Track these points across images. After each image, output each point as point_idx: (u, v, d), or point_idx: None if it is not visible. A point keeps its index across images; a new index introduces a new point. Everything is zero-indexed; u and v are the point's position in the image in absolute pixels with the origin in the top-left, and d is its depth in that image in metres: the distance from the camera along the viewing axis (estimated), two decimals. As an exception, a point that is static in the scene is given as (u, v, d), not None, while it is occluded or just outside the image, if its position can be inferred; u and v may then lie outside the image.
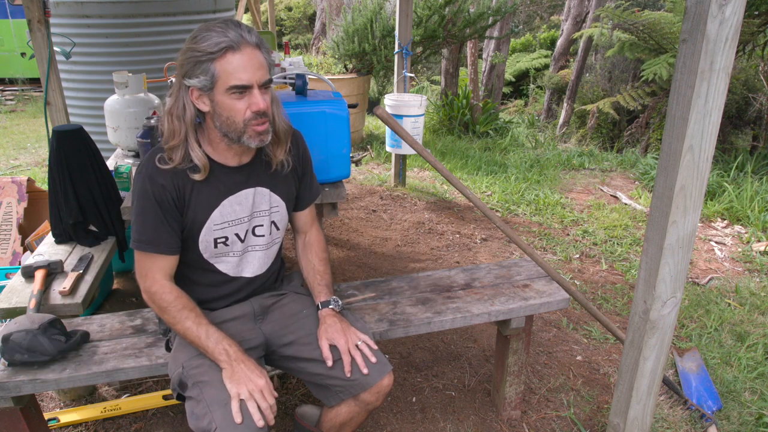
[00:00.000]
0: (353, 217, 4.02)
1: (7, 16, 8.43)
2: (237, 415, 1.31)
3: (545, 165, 5.23)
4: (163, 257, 1.48)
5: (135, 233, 1.47)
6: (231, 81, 1.34)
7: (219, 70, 1.33)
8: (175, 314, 1.45)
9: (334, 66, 6.57)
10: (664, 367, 1.57)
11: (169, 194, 1.44)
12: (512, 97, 12.25)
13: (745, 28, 4.62)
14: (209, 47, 1.32)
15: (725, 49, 1.19)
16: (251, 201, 1.54)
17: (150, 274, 1.48)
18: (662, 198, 1.35)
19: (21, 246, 3.00)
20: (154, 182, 1.43)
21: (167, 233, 1.46)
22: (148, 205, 1.44)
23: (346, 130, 2.19)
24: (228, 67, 1.33)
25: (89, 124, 3.49)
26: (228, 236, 1.53)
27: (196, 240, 1.51)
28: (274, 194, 1.59)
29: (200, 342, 1.43)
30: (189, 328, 1.44)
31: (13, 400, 1.57)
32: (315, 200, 1.76)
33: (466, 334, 2.69)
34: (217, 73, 1.33)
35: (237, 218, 1.53)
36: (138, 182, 1.46)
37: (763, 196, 4.15)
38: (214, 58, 1.32)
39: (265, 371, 1.42)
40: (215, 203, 1.49)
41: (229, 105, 1.37)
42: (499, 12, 5.81)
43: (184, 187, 1.46)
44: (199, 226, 1.49)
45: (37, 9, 2.61)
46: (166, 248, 1.47)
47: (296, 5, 15.25)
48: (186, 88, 1.39)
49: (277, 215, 1.61)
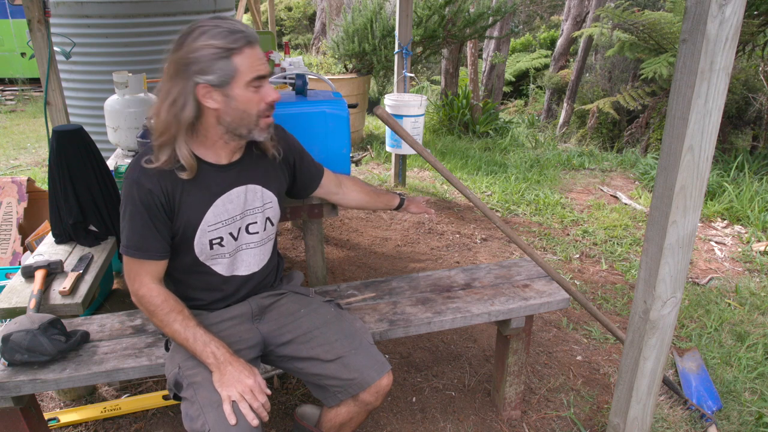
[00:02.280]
0: (353, 217, 4.02)
1: (7, 16, 8.43)
2: (231, 417, 1.32)
3: (545, 165, 5.23)
4: (152, 262, 1.48)
5: (123, 238, 1.46)
6: (253, 73, 1.36)
7: (239, 64, 1.34)
8: (163, 317, 1.45)
9: (334, 66, 6.57)
10: (664, 367, 1.57)
11: (157, 198, 1.42)
12: (512, 97, 12.25)
13: (745, 28, 4.62)
14: (229, 43, 1.33)
15: (725, 49, 1.19)
16: (243, 199, 1.54)
17: (138, 278, 1.48)
18: (662, 198, 1.35)
19: (21, 246, 3.00)
20: (141, 187, 1.41)
21: (155, 239, 1.45)
22: (135, 210, 1.43)
23: (346, 130, 2.19)
24: (248, 60, 1.35)
25: (89, 124, 3.50)
26: (223, 236, 1.53)
27: (191, 243, 1.50)
28: (267, 190, 1.59)
29: (188, 345, 1.43)
30: (177, 330, 1.44)
31: (13, 400, 1.57)
32: (324, 171, 1.81)
33: (466, 334, 2.69)
34: (238, 67, 1.34)
35: (230, 217, 1.52)
36: (125, 187, 1.44)
37: (763, 196, 4.15)
38: (235, 52, 1.33)
39: (254, 369, 1.42)
40: (208, 204, 1.48)
41: (247, 98, 1.38)
42: (499, 12, 5.81)
43: (173, 191, 1.43)
44: (193, 228, 1.48)
45: (37, 9, 2.61)
46: (154, 253, 1.47)
47: (296, 5, 15.25)
48: (192, 85, 1.35)
49: (270, 211, 1.61)
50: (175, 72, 1.35)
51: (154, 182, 1.41)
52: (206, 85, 1.34)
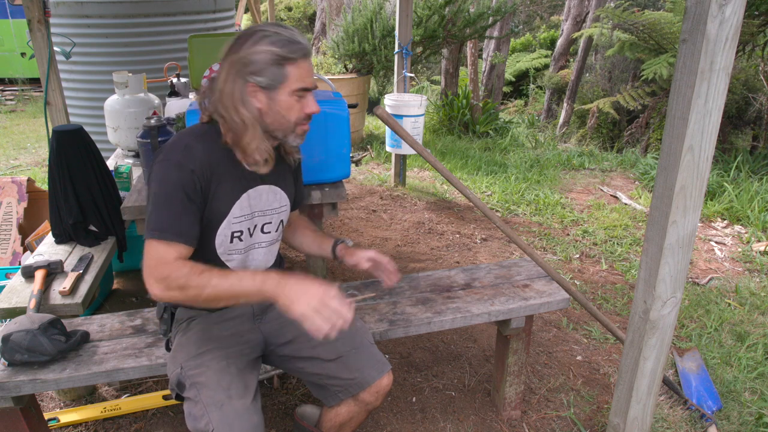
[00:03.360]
0: (353, 217, 4.02)
1: (7, 16, 8.44)
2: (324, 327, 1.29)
3: (545, 165, 5.23)
4: (183, 247, 1.39)
5: (154, 223, 1.38)
6: (300, 84, 1.42)
7: (291, 72, 1.40)
8: (198, 281, 1.34)
9: (334, 66, 6.57)
10: (664, 367, 1.58)
11: (198, 181, 1.40)
12: (512, 97, 12.25)
13: (745, 28, 4.62)
14: (289, 52, 1.39)
15: (725, 49, 1.19)
16: (265, 198, 1.56)
17: (163, 264, 1.36)
18: (662, 198, 1.35)
19: (21, 246, 3.00)
20: (182, 168, 1.38)
21: (191, 223, 1.40)
22: (173, 193, 1.38)
23: (346, 130, 2.19)
24: (299, 71, 1.41)
25: (89, 124, 3.50)
26: (243, 230, 1.53)
27: (213, 234, 1.48)
28: (284, 193, 1.62)
29: (238, 289, 1.33)
30: (218, 284, 1.33)
31: (13, 400, 1.57)
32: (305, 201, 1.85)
33: (466, 334, 2.69)
34: (289, 75, 1.40)
35: (251, 212, 1.54)
36: (161, 170, 1.40)
37: (763, 196, 4.15)
38: (290, 61, 1.40)
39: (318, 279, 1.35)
40: (237, 195, 1.49)
41: (289, 104, 1.43)
42: (499, 12, 5.81)
43: (212, 175, 1.43)
44: (221, 218, 1.47)
45: (37, 9, 2.61)
46: (188, 238, 1.40)
47: (296, 5, 15.25)
48: (244, 83, 1.39)
49: (284, 214, 1.64)
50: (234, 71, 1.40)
51: (196, 164, 1.41)
52: (254, 85, 1.40)
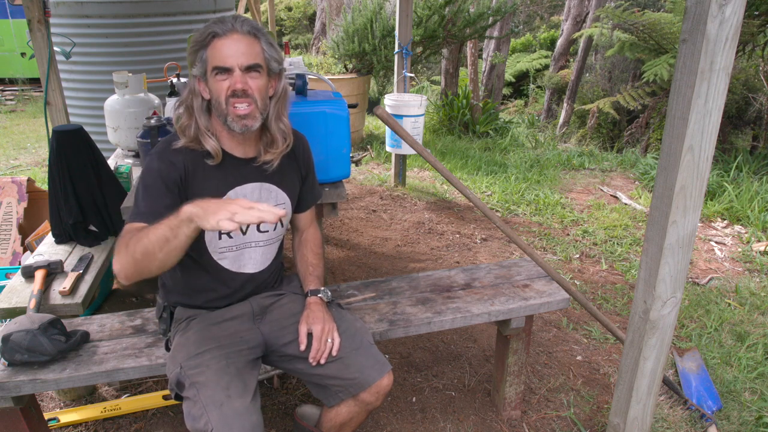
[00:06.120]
0: (353, 217, 4.02)
1: (7, 16, 8.43)
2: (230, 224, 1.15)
3: (545, 165, 5.23)
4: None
5: (132, 209, 1.42)
6: (214, 63, 1.44)
7: (208, 56, 1.45)
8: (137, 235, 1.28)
9: (334, 66, 6.57)
10: (664, 367, 1.58)
11: (176, 173, 1.45)
12: (512, 98, 12.25)
13: (745, 28, 4.62)
14: (201, 36, 1.44)
15: (725, 49, 1.19)
16: (257, 195, 1.57)
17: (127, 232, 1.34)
18: (662, 198, 1.35)
19: (21, 246, 3.00)
20: (163, 159, 1.46)
21: (164, 207, 1.37)
22: (151, 182, 1.44)
23: (346, 130, 2.19)
24: (213, 51, 1.44)
25: (89, 124, 3.49)
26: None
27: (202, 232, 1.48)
28: (281, 191, 1.62)
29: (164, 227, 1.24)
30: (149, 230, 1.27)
31: (13, 400, 1.57)
32: (316, 202, 1.81)
33: (466, 334, 2.69)
34: (206, 58, 1.45)
35: None
36: (147, 163, 1.49)
37: (763, 196, 4.15)
38: (205, 45, 1.44)
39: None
40: (221, 192, 1.51)
41: (216, 87, 1.45)
42: (499, 12, 5.81)
43: (195, 171, 1.48)
44: None
45: (37, 9, 2.61)
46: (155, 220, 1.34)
47: (296, 5, 15.25)
48: (193, 78, 1.49)
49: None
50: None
51: (178, 158, 1.47)
52: (197, 77, 1.48)
